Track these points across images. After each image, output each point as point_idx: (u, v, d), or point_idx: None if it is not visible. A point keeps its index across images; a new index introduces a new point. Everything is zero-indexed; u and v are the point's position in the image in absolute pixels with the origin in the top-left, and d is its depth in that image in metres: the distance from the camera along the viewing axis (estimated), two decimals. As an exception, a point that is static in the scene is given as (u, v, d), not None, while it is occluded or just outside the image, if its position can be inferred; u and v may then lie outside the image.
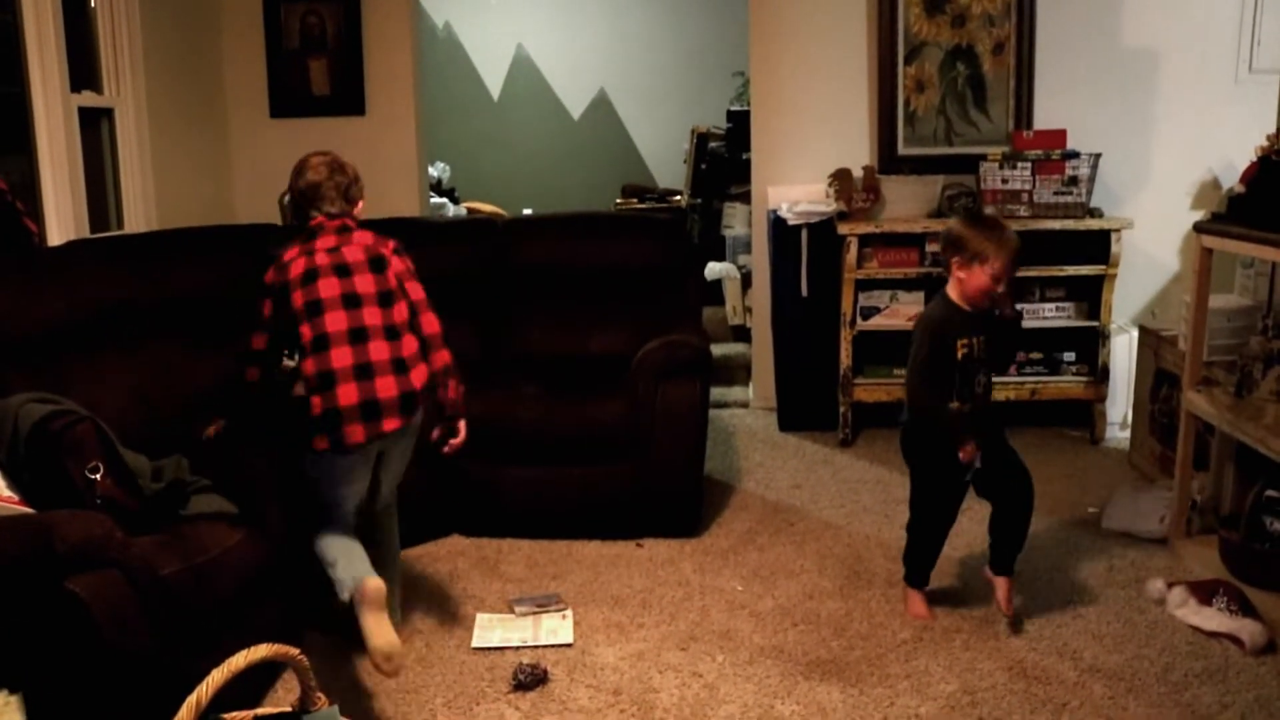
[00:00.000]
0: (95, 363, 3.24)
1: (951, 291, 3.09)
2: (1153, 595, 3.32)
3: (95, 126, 4.46)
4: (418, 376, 2.94)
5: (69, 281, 3.30)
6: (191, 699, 1.76)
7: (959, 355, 3.04)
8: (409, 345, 2.95)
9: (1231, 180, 4.47)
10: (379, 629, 2.64)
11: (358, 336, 2.87)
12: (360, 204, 3.13)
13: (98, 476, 2.52)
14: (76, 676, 2.25)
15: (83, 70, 4.32)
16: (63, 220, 4.02)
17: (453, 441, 3.12)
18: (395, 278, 3.00)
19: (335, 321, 2.86)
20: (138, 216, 4.62)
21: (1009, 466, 3.15)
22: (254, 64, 5.47)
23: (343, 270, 2.93)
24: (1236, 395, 3.47)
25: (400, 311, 2.96)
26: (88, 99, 4.32)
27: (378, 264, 2.98)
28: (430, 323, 3.02)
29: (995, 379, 4.90)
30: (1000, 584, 3.16)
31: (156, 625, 2.37)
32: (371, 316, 2.90)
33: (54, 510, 2.38)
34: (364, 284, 2.93)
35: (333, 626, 3.06)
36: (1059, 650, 3.02)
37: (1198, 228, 3.60)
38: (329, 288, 2.89)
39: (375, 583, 2.71)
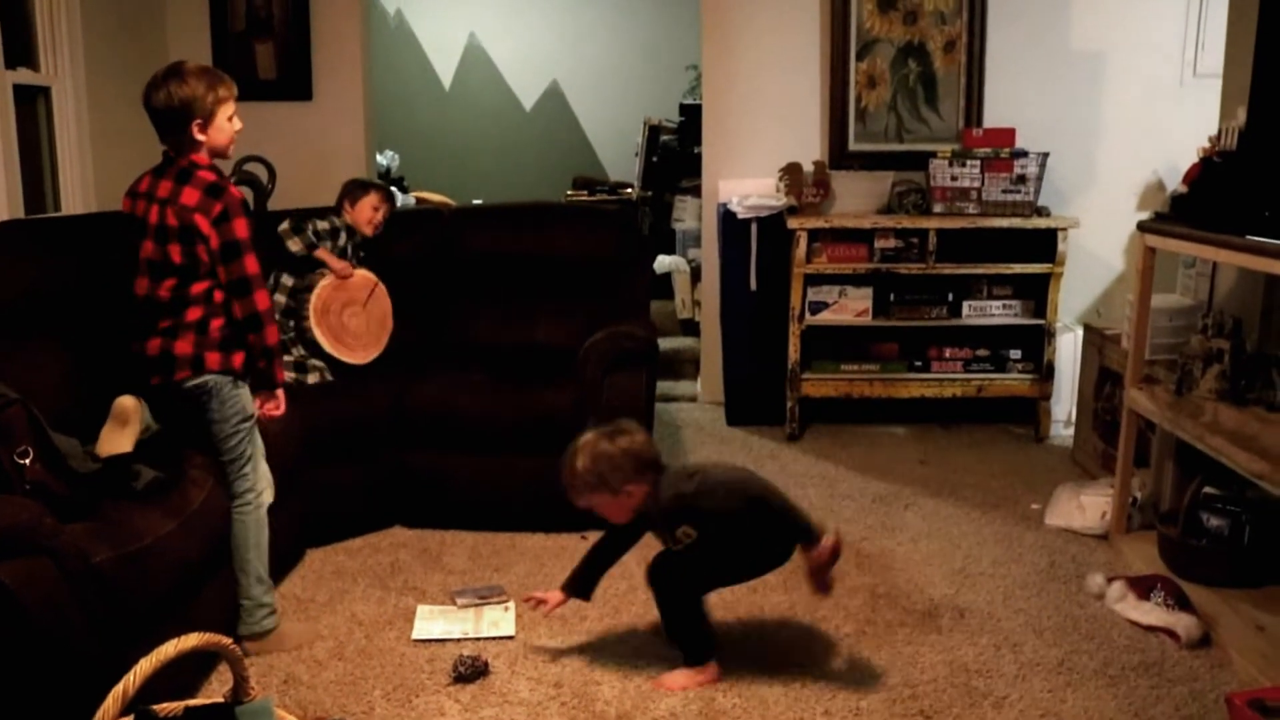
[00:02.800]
0: (26, 347, 3.15)
1: None
2: (1092, 590, 3.35)
3: (31, 105, 4.35)
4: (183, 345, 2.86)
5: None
6: (117, 689, 1.72)
7: None
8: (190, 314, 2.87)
9: (1175, 182, 4.53)
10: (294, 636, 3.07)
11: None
12: (201, 139, 2.85)
13: (27, 461, 2.45)
14: (3, 664, 2.19)
15: (18, 47, 4.20)
16: (-4, 200, 3.92)
17: (267, 407, 3.03)
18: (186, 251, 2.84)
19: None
20: (75, 198, 4.51)
21: None
22: (198, 45, 5.36)
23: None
24: (1177, 393, 3.51)
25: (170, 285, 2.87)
26: (23, 76, 4.21)
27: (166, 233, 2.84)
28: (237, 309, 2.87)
29: (942, 375, 4.99)
30: None
31: (87, 614, 2.31)
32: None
33: (-21, 496, 2.32)
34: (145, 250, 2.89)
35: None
36: (999, 644, 3.04)
37: (1141, 227, 3.64)
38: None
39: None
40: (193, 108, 2.81)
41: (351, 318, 3.99)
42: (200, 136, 2.85)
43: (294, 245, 4.02)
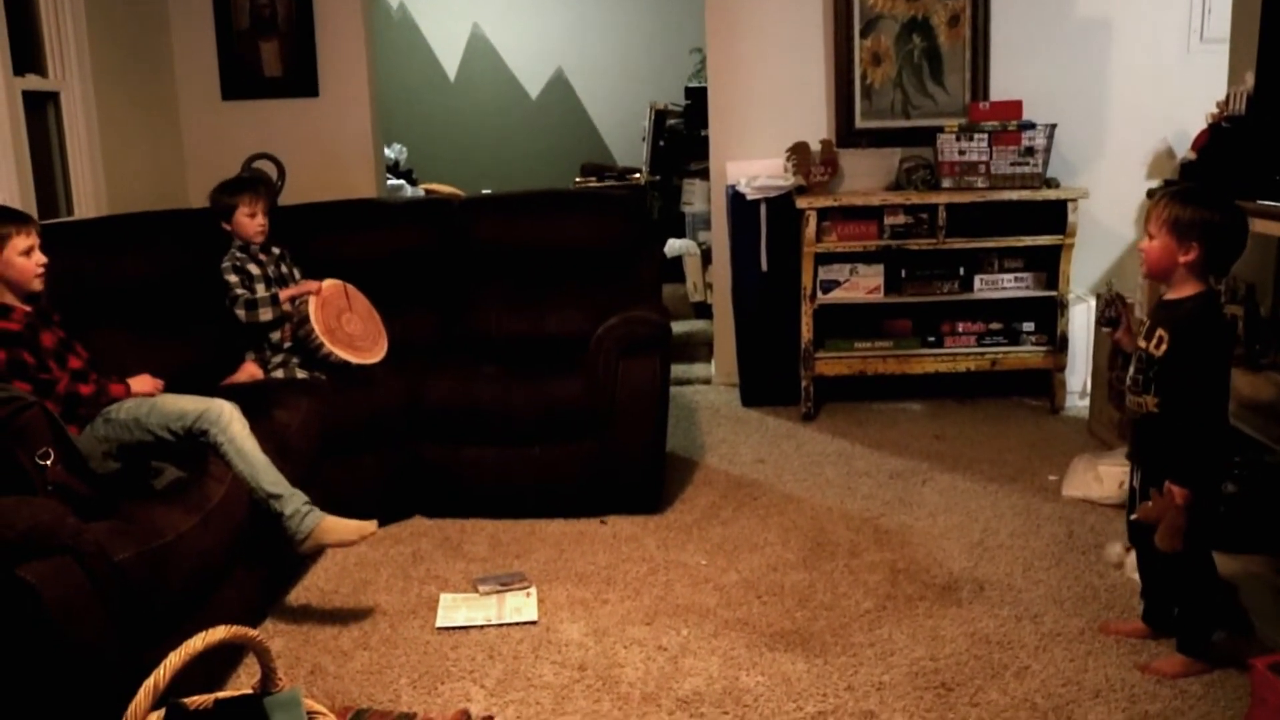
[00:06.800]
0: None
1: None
2: (1111, 559, 3.35)
3: (41, 111, 4.38)
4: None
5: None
6: (148, 683, 1.74)
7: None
8: None
9: (1185, 149, 4.51)
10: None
11: None
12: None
13: (48, 463, 2.48)
14: (29, 664, 2.22)
15: (26, 53, 4.23)
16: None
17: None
18: None
19: None
20: (87, 202, 4.54)
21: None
22: (204, 45, 5.38)
23: None
24: (1191, 360, 3.49)
25: None
26: (32, 83, 4.24)
27: None
28: None
29: (956, 350, 4.99)
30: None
31: (111, 611, 2.34)
32: None
33: (3, 498, 2.34)
34: None
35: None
36: (1019, 615, 3.05)
37: (1151, 195, 3.63)
38: None
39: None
40: None
41: (349, 324, 3.99)
42: None
43: (266, 315, 3.91)
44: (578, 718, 2.63)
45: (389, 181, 7.20)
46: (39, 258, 3.06)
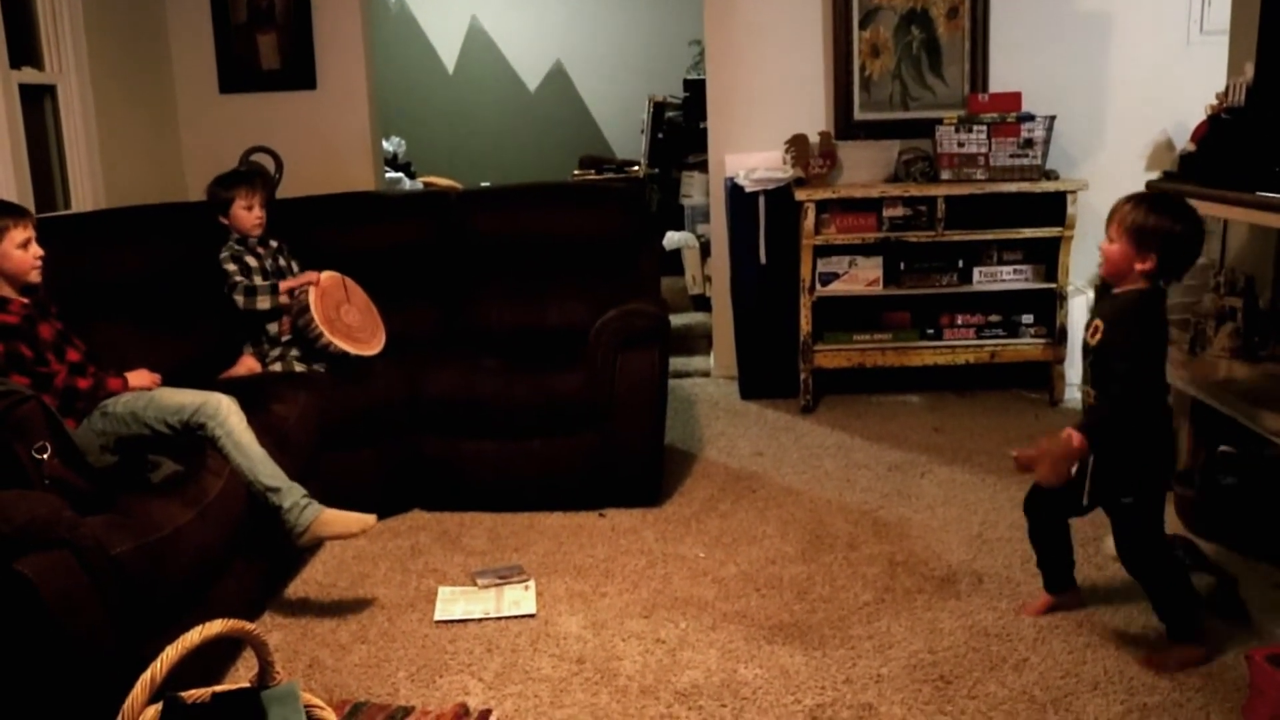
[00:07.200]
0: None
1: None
2: (1110, 552, 3.33)
3: (38, 104, 4.37)
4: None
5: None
6: (145, 676, 1.74)
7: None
8: None
9: (1184, 140, 4.50)
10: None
11: None
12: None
13: (45, 457, 2.48)
14: (27, 658, 2.22)
15: (22, 46, 4.22)
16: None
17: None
18: None
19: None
20: (85, 195, 4.53)
21: None
22: (201, 38, 5.38)
23: None
24: (1190, 352, 3.50)
25: None
26: (28, 75, 4.23)
27: None
28: None
29: (955, 342, 4.98)
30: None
31: (109, 605, 2.34)
32: None
33: None
34: None
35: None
36: (1018, 608, 3.05)
37: (1150, 187, 3.62)
38: None
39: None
40: None
41: (348, 314, 3.99)
42: None
43: (264, 303, 3.93)
44: (576, 710, 2.63)
45: (387, 174, 7.19)
46: (36, 250, 3.07)
